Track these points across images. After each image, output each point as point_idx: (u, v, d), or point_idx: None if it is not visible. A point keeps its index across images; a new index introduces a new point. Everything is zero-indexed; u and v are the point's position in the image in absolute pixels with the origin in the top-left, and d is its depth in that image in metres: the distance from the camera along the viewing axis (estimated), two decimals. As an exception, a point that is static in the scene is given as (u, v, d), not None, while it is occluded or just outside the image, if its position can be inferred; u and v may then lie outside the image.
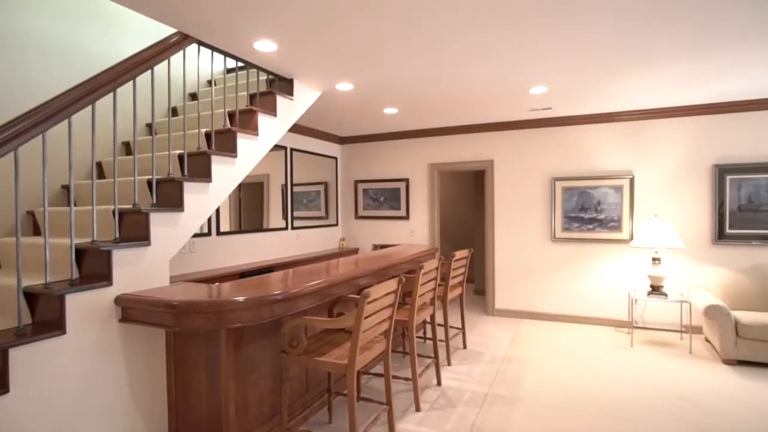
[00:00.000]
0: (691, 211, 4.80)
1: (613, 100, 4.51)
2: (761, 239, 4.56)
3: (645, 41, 2.89)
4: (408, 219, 6.10)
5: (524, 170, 5.47)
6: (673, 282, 4.84)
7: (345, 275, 2.84)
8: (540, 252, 5.40)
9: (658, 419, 2.91)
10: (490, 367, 3.84)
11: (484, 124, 5.60)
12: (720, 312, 3.86)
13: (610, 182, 5.06)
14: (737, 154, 4.64)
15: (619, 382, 3.52)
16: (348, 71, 3.44)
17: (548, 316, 5.38)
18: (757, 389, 3.36)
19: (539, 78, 3.70)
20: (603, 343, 4.52)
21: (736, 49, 3.06)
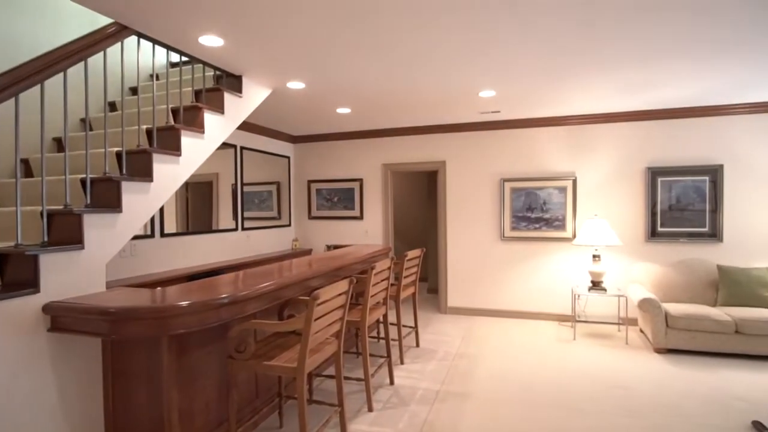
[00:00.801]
0: (628, 210, 5.12)
1: (558, 106, 4.72)
2: (688, 236, 4.94)
3: (587, 51, 3.04)
4: (362, 219, 6.10)
5: (475, 171, 5.62)
6: (611, 277, 5.14)
7: (296, 277, 2.79)
8: (490, 250, 5.57)
9: (596, 407, 3.08)
10: (443, 365, 3.91)
11: (437, 126, 5.70)
12: (652, 305, 4.14)
13: (554, 183, 5.30)
14: (667, 157, 5.00)
15: (563, 373, 3.70)
16: (299, 70, 3.39)
17: (498, 312, 5.56)
18: (683, 375, 3.63)
19: (488, 82, 3.81)
20: (548, 336, 4.72)
21: (666, 61, 3.29)
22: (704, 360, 3.97)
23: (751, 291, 4.29)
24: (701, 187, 4.91)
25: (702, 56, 3.21)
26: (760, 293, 4.27)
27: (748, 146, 4.79)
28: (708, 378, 3.56)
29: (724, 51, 3.11)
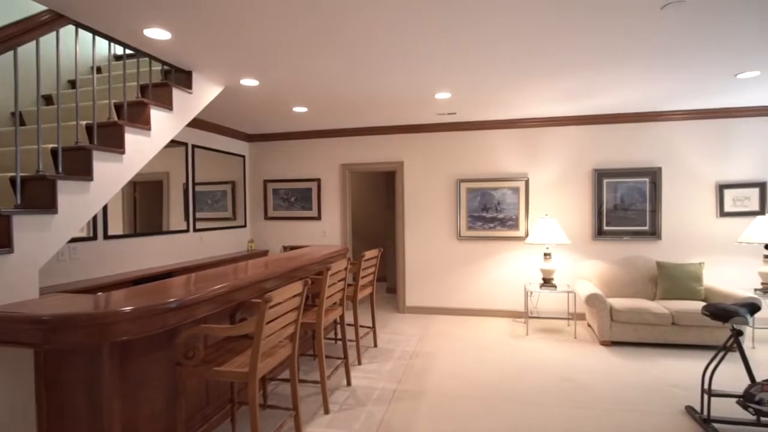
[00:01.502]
0: (576, 210, 5.36)
1: (512, 109, 4.87)
2: (631, 235, 5.23)
3: (539, 57, 3.15)
4: (320, 219, 6.04)
5: (432, 172, 5.70)
6: (561, 274, 5.36)
7: (249, 279, 2.72)
8: (447, 250, 5.66)
9: (545, 399, 3.19)
10: (400, 364, 3.94)
11: (395, 126, 5.73)
12: (598, 300, 4.35)
13: (508, 184, 5.46)
14: (612, 160, 5.27)
15: (516, 368, 3.81)
16: (252, 67, 3.31)
17: (455, 310, 5.66)
18: (626, 365, 3.83)
19: (444, 84, 3.86)
20: (502, 333, 4.86)
21: (611, 69, 3.46)
22: (645, 351, 4.21)
23: (686, 285, 4.60)
24: (642, 188, 5.21)
25: (642, 66, 3.40)
26: (694, 287, 4.58)
27: (683, 150, 5.13)
28: (648, 368, 3.78)
29: (662, 63, 3.31)
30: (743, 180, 5.04)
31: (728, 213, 5.06)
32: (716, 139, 5.07)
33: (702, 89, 4.18)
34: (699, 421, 2.81)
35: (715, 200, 5.09)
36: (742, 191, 5.05)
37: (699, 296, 4.56)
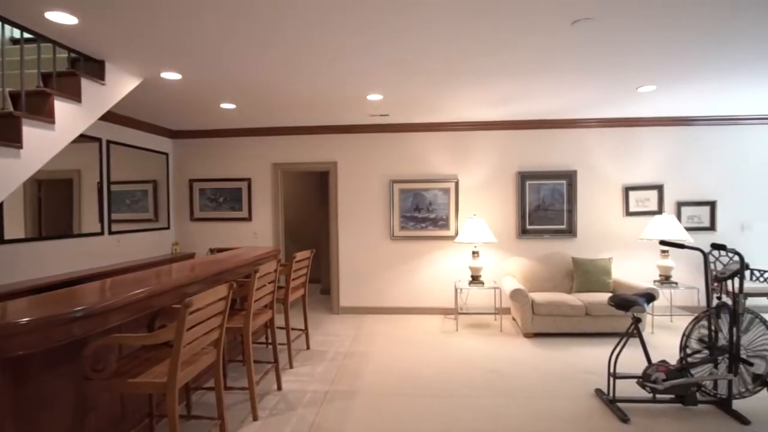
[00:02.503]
0: (502, 210, 5.65)
1: (442, 112, 5.02)
2: (551, 233, 5.60)
3: (466, 64, 3.28)
4: (250, 220, 5.85)
5: (366, 172, 5.73)
6: (488, 271, 5.62)
7: (170, 284, 2.57)
8: (380, 250, 5.72)
9: (473, 391, 3.33)
10: (332, 365, 3.92)
11: (328, 126, 5.69)
12: (521, 295, 4.62)
13: (439, 185, 5.63)
14: (534, 163, 5.62)
15: (446, 363, 3.94)
16: (173, 60, 3.13)
17: (389, 309, 5.73)
18: (545, 355, 4.10)
19: (375, 86, 3.90)
20: (434, 330, 5.00)
21: (530, 78, 3.68)
22: (563, 340, 4.53)
23: (598, 278, 5.02)
24: (561, 189, 5.61)
25: (557, 77, 3.66)
26: (604, 280, 5.01)
27: (595, 155, 5.59)
28: (565, 356, 4.08)
29: (574, 75, 3.58)
30: (645, 183, 5.60)
31: (633, 212, 5.59)
32: (622, 146, 5.58)
33: (610, 100, 4.59)
34: (606, 402, 3.08)
35: (622, 201, 5.60)
36: (643, 193, 5.60)
37: (608, 288, 5.00)
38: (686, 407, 3.03)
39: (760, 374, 2.94)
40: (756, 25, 2.71)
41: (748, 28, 2.74)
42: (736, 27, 2.73)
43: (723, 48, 3.09)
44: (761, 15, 2.56)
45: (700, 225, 5.58)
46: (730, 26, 2.72)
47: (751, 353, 2.97)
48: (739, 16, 2.57)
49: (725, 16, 2.57)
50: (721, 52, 3.18)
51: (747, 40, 2.96)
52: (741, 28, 2.74)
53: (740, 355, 2.93)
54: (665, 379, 2.92)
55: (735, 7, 2.46)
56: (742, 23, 2.67)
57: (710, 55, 3.23)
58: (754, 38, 2.91)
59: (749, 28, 2.74)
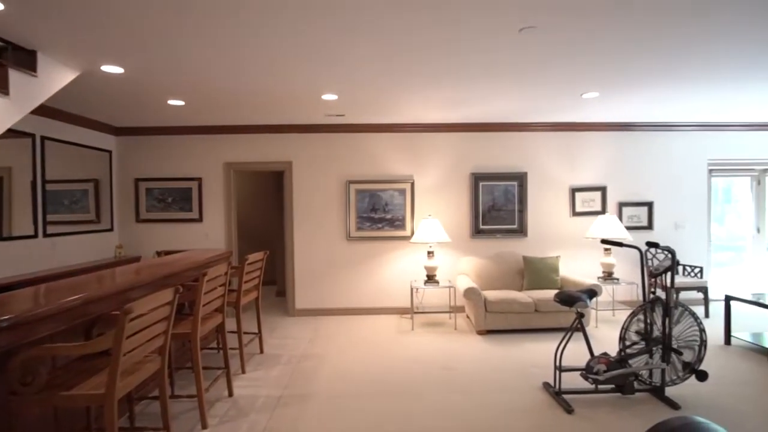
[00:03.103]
0: (456, 210, 5.77)
1: (397, 114, 5.06)
2: (503, 233, 5.78)
3: (416, 68, 3.31)
4: (201, 221, 5.64)
5: (322, 172, 5.68)
6: (443, 271, 5.72)
7: (110, 289, 2.43)
8: (337, 250, 5.69)
9: (428, 388, 3.38)
10: (287, 369, 3.85)
11: (283, 126, 5.59)
12: (474, 293, 4.73)
13: (395, 186, 5.67)
14: (487, 164, 5.78)
15: (402, 362, 3.97)
16: (115, 52, 2.96)
17: (345, 310, 5.71)
18: (497, 351, 4.22)
19: (330, 86, 3.87)
20: (390, 329, 5.03)
21: (482, 83, 3.78)
22: (514, 336, 4.68)
23: (546, 276, 5.23)
24: (512, 190, 5.79)
25: (506, 82, 3.77)
26: (552, 277, 5.22)
27: (544, 157, 5.82)
28: (515, 351, 4.22)
29: (522, 81, 3.71)
30: (590, 185, 5.89)
31: (579, 213, 5.86)
32: (569, 149, 5.85)
33: (557, 105, 4.79)
34: (552, 395, 3.21)
35: (569, 202, 5.86)
36: (589, 194, 5.89)
37: (556, 285, 5.21)
38: (625, 396, 3.21)
39: (689, 362, 3.16)
40: (690, 38, 2.91)
41: (682, 40, 2.94)
42: (671, 39, 2.92)
43: (659, 59, 3.30)
44: (695, 29, 2.75)
45: (639, 224, 5.94)
46: (667, 39, 2.90)
47: (682, 343, 3.19)
48: (673, 33, 2.75)
49: (662, 29, 2.75)
50: (658, 63, 3.40)
51: (681, 52, 3.17)
52: (676, 40, 2.94)
53: (672, 346, 3.14)
54: (606, 370, 3.08)
55: (671, 24, 2.63)
56: (676, 37, 2.87)
57: (648, 65, 3.44)
58: (688, 50, 3.13)
59: (684, 40, 2.94)
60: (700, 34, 2.82)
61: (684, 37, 2.87)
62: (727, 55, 3.23)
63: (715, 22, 2.64)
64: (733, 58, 3.29)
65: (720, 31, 2.79)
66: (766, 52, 3.19)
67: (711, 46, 3.05)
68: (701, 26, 2.70)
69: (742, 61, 3.37)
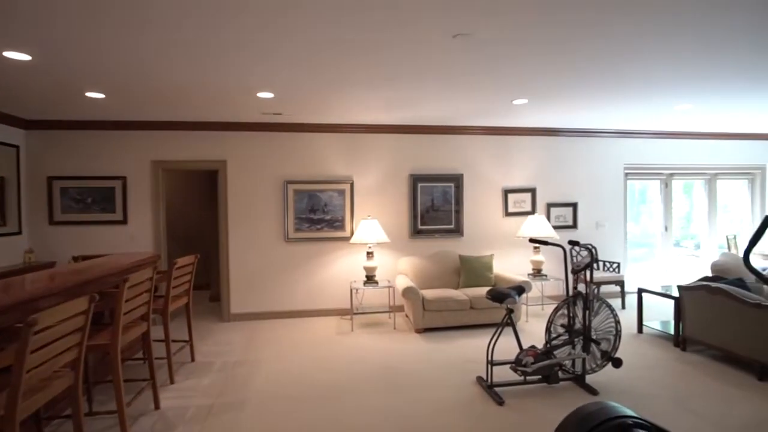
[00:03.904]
0: (396, 211, 5.84)
1: (336, 114, 5.03)
2: (441, 233, 5.93)
3: (349, 70, 3.31)
4: (126, 223, 5.26)
5: (258, 172, 5.51)
6: (382, 271, 5.76)
7: (16, 298, 2.20)
8: (275, 252, 5.55)
9: (366, 388, 3.38)
10: (220, 376, 3.69)
11: (217, 123, 5.36)
12: (412, 292, 4.81)
13: (335, 186, 5.63)
14: (425, 166, 5.90)
15: (341, 363, 3.95)
16: (19, 37, 2.68)
17: (284, 314, 5.58)
18: (434, 348, 4.33)
19: (265, 84, 3.77)
20: (329, 331, 4.99)
21: (417, 86, 3.85)
22: (450, 333, 4.82)
23: (481, 274, 5.43)
24: (449, 191, 5.96)
25: (440, 86, 3.87)
26: (486, 275, 5.44)
27: (479, 160, 6.05)
28: (452, 348, 4.34)
29: (456, 86, 3.83)
30: (521, 186, 6.20)
31: (511, 213, 6.15)
32: (502, 152, 6.12)
33: (489, 110, 4.99)
34: (485, 388, 3.34)
35: (502, 202, 6.14)
36: (520, 195, 6.20)
37: (490, 283, 5.44)
38: (550, 385, 3.41)
39: (606, 351, 3.42)
40: (598, 56, 3.14)
41: (592, 57, 3.17)
42: (584, 55, 3.14)
43: (576, 72, 3.54)
44: (603, 48, 2.98)
45: (566, 224, 6.35)
46: (580, 54, 3.12)
47: (600, 334, 3.45)
48: (584, 49, 2.96)
49: (575, 46, 2.95)
50: (575, 76, 3.64)
51: (593, 68, 3.42)
52: (587, 56, 3.16)
53: (591, 336, 3.38)
54: (534, 362, 3.25)
55: (583, 42, 2.83)
56: (588, 52, 3.08)
57: (567, 77, 3.67)
58: (599, 67, 3.39)
59: (593, 57, 3.17)
60: (608, 53, 3.06)
61: (593, 54, 3.10)
62: (632, 73, 3.53)
63: (621, 41, 2.87)
64: (637, 77, 3.61)
65: (623, 50, 3.04)
66: (668, 71, 3.52)
67: (617, 66, 3.32)
68: (609, 46, 2.93)
69: (645, 78, 3.70)
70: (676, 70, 3.59)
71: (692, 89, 4.20)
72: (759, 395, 3.22)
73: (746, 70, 3.61)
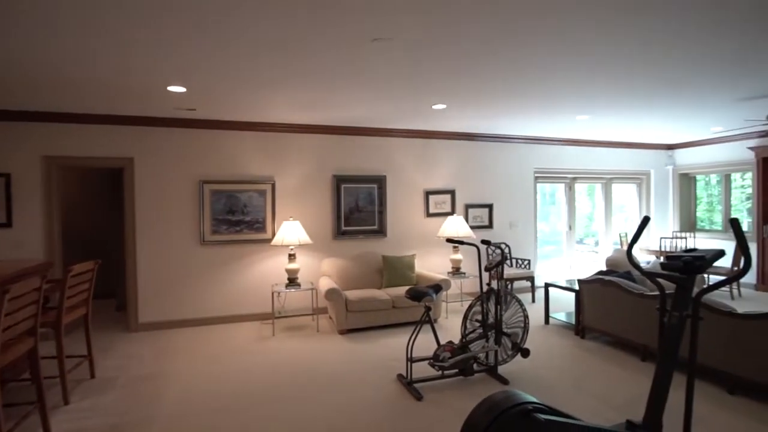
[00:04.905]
0: (319, 212, 5.78)
1: (256, 111, 4.86)
2: (365, 234, 5.97)
3: (265, 66, 3.22)
4: (10, 227, 4.64)
5: (171, 171, 5.16)
6: (306, 273, 5.67)
7: None
8: (189, 256, 5.23)
9: (288, 394, 3.30)
10: (124, 393, 3.40)
11: (122, 117, 4.93)
12: (335, 294, 4.79)
13: (255, 187, 5.44)
14: (349, 167, 5.91)
15: (260, 370, 3.81)
16: None
17: (201, 321, 5.28)
18: (358, 349, 4.34)
19: (176, 77, 3.54)
20: (249, 337, 4.80)
21: (339, 87, 3.84)
22: (374, 333, 4.87)
23: (404, 273, 5.55)
24: (373, 193, 6.02)
25: (361, 89, 3.90)
26: (408, 274, 5.57)
27: (402, 162, 6.18)
28: (374, 348, 4.38)
29: (376, 89, 3.88)
30: (441, 188, 6.44)
31: (432, 214, 6.36)
32: (424, 155, 6.31)
33: (411, 114, 5.12)
34: (405, 385, 3.42)
35: (423, 203, 6.32)
36: (441, 197, 6.43)
37: (412, 282, 5.57)
38: (466, 378, 3.58)
39: (516, 342, 3.66)
40: (502, 68, 3.36)
41: (497, 69, 3.38)
42: (506, 60, 3.33)
43: (485, 83, 3.75)
44: (505, 62, 3.18)
45: (482, 224, 6.69)
46: (485, 66, 3.31)
47: (510, 327, 3.68)
48: (489, 62, 3.15)
49: (499, 50, 3.12)
50: (484, 86, 3.86)
51: (497, 80, 3.64)
52: (491, 69, 3.36)
53: (503, 329, 3.60)
54: (450, 357, 3.38)
55: (486, 56, 3.01)
56: (492, 65, 3.28)
57: (476, 87, 3.88)
58: (503, 79, 3.62)
59: (498, 71, 3.39)
60: (514, 69, 3.28)
61: (498, 67, 3.31)
62: (540, 86, 3.82)
63: (527, 61, 3.10)
64: (544, 89, 3.92)
65: (530, 66, 3.28)
66: (571, 87, 3.86)
67: (527, 78, 3.58)
68: (515, 64, 3.14)
69: (552, 90, 4.02)
70: (577, 86, 3.94)
71: (590, 102, 4.64)
72: (642, 374, 3.63)
73: (635, 89, 4.05)
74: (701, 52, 3.17)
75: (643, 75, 3.69)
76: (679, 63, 3.40)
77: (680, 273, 2.25)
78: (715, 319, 3.32)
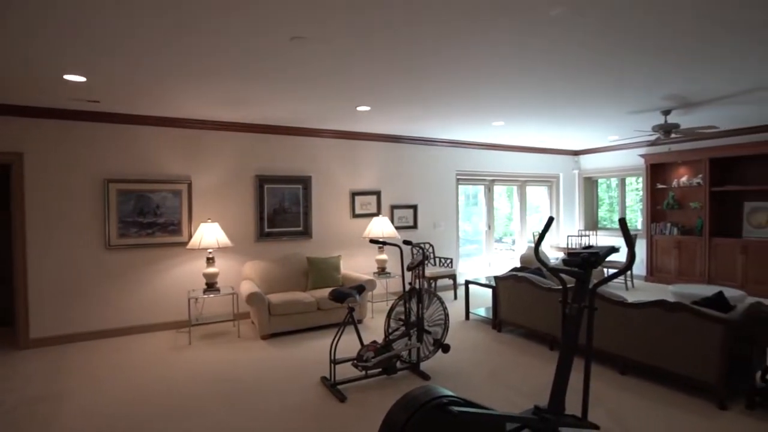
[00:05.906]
0: (241, 213, 5.55)
1: (169, 106, 4.55)
2: (289, 235, 5.84)
3: (176, 57, 3.03)
4: None
5: (70, 168, 4.67)
6: (226, 277, 5.42)
7: None
8: (92, 262, 4.76)
9: (205, 405, 3.12)
10: (8, 419, 3.00)
11: (10, 106, 4.37)
12: (257, 298, 4.63)
13: (169, 186, 5.09)
14: (272, 167, 5.74)
15: (174, 382, 3.57)
16: None
17: (106, 332, 4.83)
18: (281, 354, 4.23)
19: (74, 65, 3.20)
20: (162, 348, 4.48)
21: (254, 85, 3.71)
22: (298, 336, 4.77)
23: (329, 275, 5.51)
24: (297, 193, 5.91)
25: (281, 88, 3.81)
26: (334, 275, 5.54)
27: (327, 163, 6.13)
28: (299, 351, 4.30)
29: (297, 89, 3.81)
30: (367, 189, 6.48)
31: (358, 215, 6.38)
32: (350, 156, 6.32)
33: (336, 115, 5.10)
34: (329, 387, 3.39)
35: (349, 204, 6.32)
36: (366, 198, 6.47)
37: (338, 283, 5.55)
38: (390, 376, 3.63)
39: (438, 339, 3.78)
40: (453, 61, 3.47)
41: (436, 70, 3.49)
42: (435, 61, 3.43)
43: (421, 80, 3.84)
44: (446, 65, 3.29)
45: (407, 224, 6.84)
46: (430, 61, 3.39)
47: (432, 324, 3.80)
48: (414, 66, 3.24)
49: (424, 52, 3.20)
50: (418, 87, 3.95)
51: (441, 73, 3.75)
52: (436, 64, 3.46)
53: (424, 327, 3.70)
54: (374, 356, 3.41)
55: (440, 52, 3.09)
56: (417, 71, 3.38)
57: (408, 88, 3.96)
58: (418, 84, 3.74)
59: (447, 64, 3.49)
60: (437, 72, 3.41)
61: (421, 72, 3.42)
62: (459, 90, 4.00)
63: (447, 66, 3.22)
64: (464, 94, 4.10)
65: (450, 71, 3.42)
66: (487, 92, 4.08)
67: (448, 81, 3.73)
68: (439, 66, 3.26)
69: (471, 95, 4.22)
70: (492, 92, 4.16)
71: (504, 110, 4.93)
72: (550, 362, 3.93)
73: (542, 98, 4.37)
74: (591, 70, 3.52)
75: (548, 89, 4.00)
76: (574, 79, 3.74)
77: (578, 268, 2.46)
78: (609, 308, 3.68)
